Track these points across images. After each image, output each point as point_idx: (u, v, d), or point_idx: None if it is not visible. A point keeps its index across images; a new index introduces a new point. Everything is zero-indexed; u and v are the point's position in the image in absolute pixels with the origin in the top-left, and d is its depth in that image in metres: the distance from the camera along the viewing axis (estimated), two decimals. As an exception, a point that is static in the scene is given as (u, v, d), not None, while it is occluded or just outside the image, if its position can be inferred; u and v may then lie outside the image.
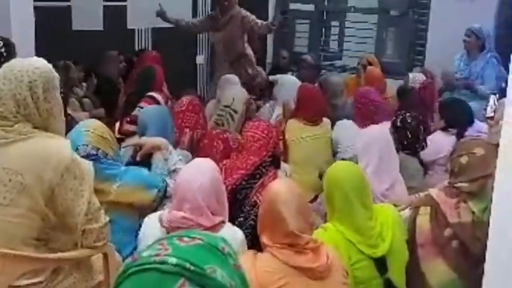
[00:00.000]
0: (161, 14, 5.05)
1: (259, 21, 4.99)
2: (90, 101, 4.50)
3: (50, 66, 1.97)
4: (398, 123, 3.32)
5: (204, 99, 5.74)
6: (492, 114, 3.31)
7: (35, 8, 4.19)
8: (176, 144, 3.07)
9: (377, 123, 3.50)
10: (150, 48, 5.51)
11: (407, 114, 3.35)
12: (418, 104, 4.04)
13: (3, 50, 3.27)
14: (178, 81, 4.97)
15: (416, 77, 4.82)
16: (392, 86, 4.99)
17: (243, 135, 2.97)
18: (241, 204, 2.71)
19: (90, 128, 2.38)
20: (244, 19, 4.97)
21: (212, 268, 0.93)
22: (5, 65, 1.93)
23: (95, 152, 2.30)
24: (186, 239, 0.97)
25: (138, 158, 2.60)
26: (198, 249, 0.96)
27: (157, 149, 2.62)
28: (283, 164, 3.13)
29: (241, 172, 2.77)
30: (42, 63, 1.95)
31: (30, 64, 1.92)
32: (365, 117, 3.71)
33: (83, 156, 2.07)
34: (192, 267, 0.91)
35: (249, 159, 2.82)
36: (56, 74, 1.98)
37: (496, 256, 1.55)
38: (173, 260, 0.91)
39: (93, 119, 2.62)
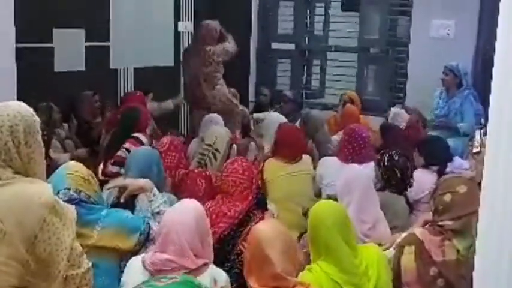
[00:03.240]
0: None
1: None
2: (72, 142, 4.48)
3: (31, 110, 1.95)
4: (386, 162, 3.30)
5: (186, 137, 5.78)
6: (478, 149, 3.34)
7: (17, 49, 4.20)
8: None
9: (361, 161, 3.51)
10: (132, 88, 5.53)
11: (394, 152, 3.35)
12: (403, 141, 4.07)
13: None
14: (160, 121, 4.99)
15: (398, 113, 4.90)
16: (373, 123, 5.05)
17: (224, 178, 2.96)
18: (227, 253, 2.70)
19: (72, 170, 2.35)
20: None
21: None
22: None
23: (76, 196, 2.26)
24: (163, 279, 0.97)
25: (122, 200, 2.58)
26: (176, 285, 0.96)
27: (141, 191, 2.60)
28: (269, 205, 3.12)
29: (229, 221, 2.76)
30: (23, 107, 1.93)
31: (11, 108, 1.88)
32: (351, 153, 3.71)
33: (64, 201, 2.03)
34: None
35: (236, 206, 2.81)
36: (37, 118, 1.96)
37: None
38: None
39: (74, 161, 2.58)
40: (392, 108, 5.23)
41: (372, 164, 3.50)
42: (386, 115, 5.16)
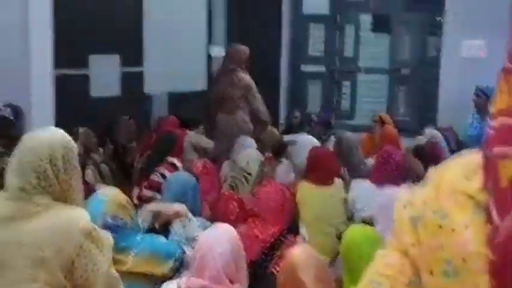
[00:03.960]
0: None
1: None
2: (107, 166, 4.55)
3: (69, 137, 2.00)
4: None
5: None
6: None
7: (55, 75, 4.32)
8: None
9: (396, 184, 3.48)
10: (166, 113, 5.61)
11: None
12: (438, 163, 4.00)
13: (9, 115, 3.35)
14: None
15: (433, 134, 4.82)
16: (404, 143, 5.01)
17: (257, 201, 2.97)
18: (259, 277, 2.69)
19: (108, 196, 2.37)
20: None
21: None
22: (25, 137, 1.96)
23: (112, 222, 2.28)
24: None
25: (156, 225, 2.60)
26: None
27: (176, 216, 2.62)
28: (301, 229, 3.11)
29: (262, 245, 2.76)
30: (61, 134, 1.98)
31: (50, 136, 1.94)
32: (386, 176, 3.67)
33: (101, 226, 2.07)
34: None
35: (268, 230, 2.81)
36: (75, 145, 2.01)
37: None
38: None
39: (111, 187, 2.63)
40: (426, 129, 5.18)
41: (406, 187, 3.47)
42: (421, 135, 5.09)
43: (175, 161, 3.85)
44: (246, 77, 5.13)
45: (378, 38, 6.48)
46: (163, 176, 3.64)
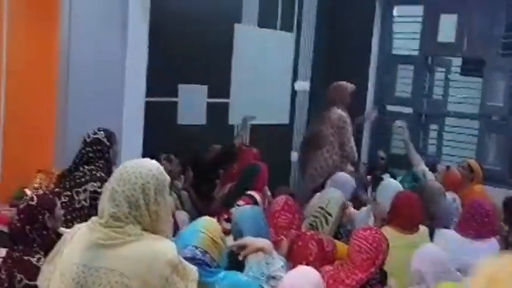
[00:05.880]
0: None
1: None
2: (188, 193, 4.62)
3: (162, 168, 2.03)
4: None
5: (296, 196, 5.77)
6: None
7: (146, 102, 4.47)
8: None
9: (485, 236, 3.31)
10: (247, 144, 5.65)
11: None
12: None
13: (105, 140, 3.46)
14: (272, 177, 5.03)
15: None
16: (494, 194, 4.78)
17: (351, 242, 2.87)
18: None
19: (205, 229, 2.32)
20: None
21: None
22: (120, 167, 2.01)
23: (201, 257, 2.24)
24: None
25: (240, 258, 2.55)
26: None
27: (260, 251, 2.57)
28: (389, 280, 2.99)
29: None
30: (154, 165, 2.01)
31: (144, 166, 1.97)
32: (473, 228, 3.50)
33: (189, 257, 2.08)
34: None
35: (355, 274, 2.71)
36: (168, 177, 2.04)
37: None
38: None
39: (210, 218, 2.51)
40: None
41: (496, 239, 3.29)
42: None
43: (255, 194, 3.84)
44: (338, 113, 5.10)
45: (469, 82, 6.28)
46: (243, 209, 3.63)
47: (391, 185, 4.37)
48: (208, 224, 2.38)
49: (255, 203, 3.68)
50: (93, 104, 4.39)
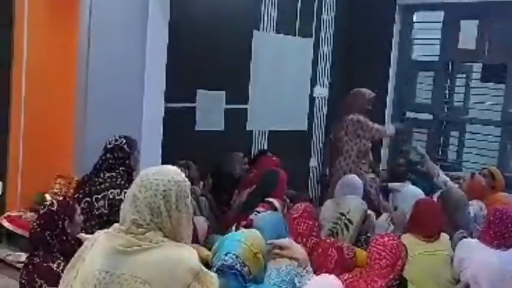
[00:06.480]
0: None
1: None
2: (206, 199, 4.60)
3: (183, 175, 2.01)
4: None
5: (315, 202, 5.74)
6: None
7: (165, 108, 4.47)
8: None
9: (509, 246, 3.24)
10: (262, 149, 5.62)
11: None
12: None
13: (126, 147, 3.45)
14: (291, 184, 5.00)
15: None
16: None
17: (370, 249, 2.84)
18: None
19: (248, 241, 2.24)
20: None
21: None
22: (141, 173, 2.00)
23: (239, 268, 2.15)
24: None
25: (273, 257, 2.49)
26: None
27: (293, 259, 2.47)
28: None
29: None
30: (176, 172, 2.00)
31: (165, 173, 1.96)
32: (497, 237, 3.41)
33: (226, 265, 2.05)
34: None
35: (374, 282, 2.67)
36: (188, 183, 2.02)
37: None
38: None
39: (255, 231, 2.42)
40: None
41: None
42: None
43: (274, 201, 3.81)
44: (354, 119, 5.09)
45: (490, 89, 6.19)
46: (261, 216, 3.60)
47: (411, 192, 4.32)
48: (252, 238, 2.30)
49: (275, 209, 3.65)
50: (112, 110, 4.40)
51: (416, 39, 6.51)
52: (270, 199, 3.78)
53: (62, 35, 5.10)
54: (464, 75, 6.37)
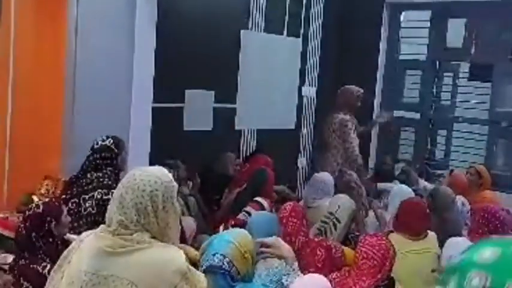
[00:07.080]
0: None
1: None
2: (195, 199, 4.59)
3: (170, 176, 2.01)
4: None
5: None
6: None
7: (153, 108, 4.44)
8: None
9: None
10: (253, 149, 5.63)
11: None
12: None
13: (114, 147, 3.44)
14: (279, 183, 5.00)
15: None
16: (503, 200, 4.74)
17: (358, 249, 2.84)
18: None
19: (236, 241, 2.27)
20: None
21: None
22: (127, 174, 1.99)
23: (227, 267, 2.16)
24: None
25: (259, 255, 2.48)
26: None
27: (281, 258, 2.48)
28: (397, 286, 2.95)
29: None
30: (163, 173, 1.99)
31: (152, 174, 1.96)
32: (485, 235, 3.43)
33: (214, 265, 2.04)
34: None
35: (362, 281, 2.68)
36: (175, 184, 2.02)
37: None
38: None
39: (244, 231, 2.44)
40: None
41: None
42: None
43: (262, 200, 3.81)
44: (339, 117, 5.09)
45: (477, 88, 6.24)
46: (250, 215, 3.60)
47: (400, 192, 4.34)
48: (241, 237, 2.31)
49: (263, 209, 3.65)
50: (100, 110, 4.38)
51: (404, 38, 6.55)
52: (259, 198, 3.78)
53: (49, 34, 5.06)
54: (451, 74, 6.42)
